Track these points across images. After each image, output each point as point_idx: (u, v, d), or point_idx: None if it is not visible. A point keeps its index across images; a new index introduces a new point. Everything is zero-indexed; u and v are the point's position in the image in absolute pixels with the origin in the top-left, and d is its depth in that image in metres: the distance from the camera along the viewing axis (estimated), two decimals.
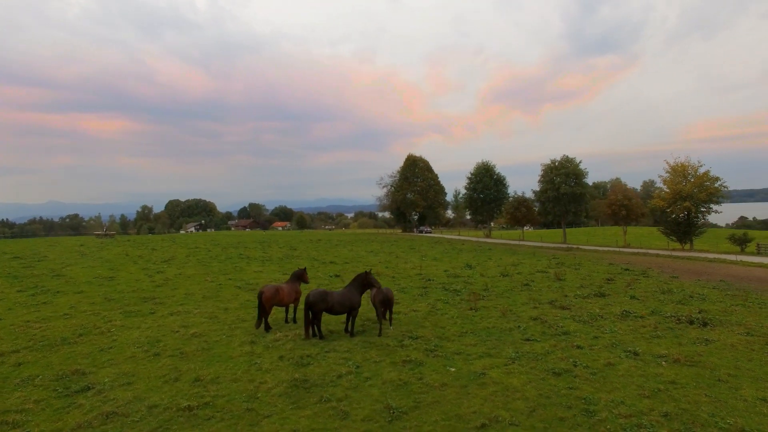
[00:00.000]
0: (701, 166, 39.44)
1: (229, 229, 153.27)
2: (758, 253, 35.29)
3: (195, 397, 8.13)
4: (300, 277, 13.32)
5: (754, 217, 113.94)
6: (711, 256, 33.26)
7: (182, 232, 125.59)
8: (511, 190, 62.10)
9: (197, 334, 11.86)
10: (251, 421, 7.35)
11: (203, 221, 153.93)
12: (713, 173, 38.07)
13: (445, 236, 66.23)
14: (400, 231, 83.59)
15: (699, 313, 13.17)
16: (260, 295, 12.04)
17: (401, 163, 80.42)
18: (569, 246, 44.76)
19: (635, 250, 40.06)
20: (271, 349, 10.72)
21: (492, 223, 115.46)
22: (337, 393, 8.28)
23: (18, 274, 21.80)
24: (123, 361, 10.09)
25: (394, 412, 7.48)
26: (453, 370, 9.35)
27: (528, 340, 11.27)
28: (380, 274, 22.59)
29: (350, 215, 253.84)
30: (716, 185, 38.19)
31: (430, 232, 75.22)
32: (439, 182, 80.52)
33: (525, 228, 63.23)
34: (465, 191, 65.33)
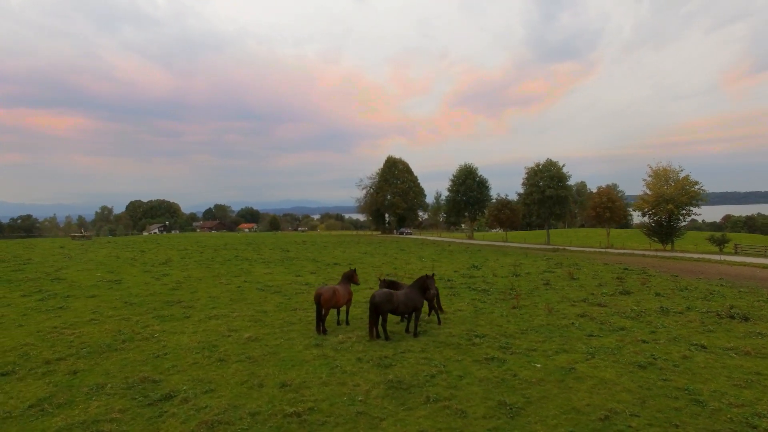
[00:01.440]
0: (681, 170, 42.18)
1: (194, 230, 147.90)
2: (736, 253, 37.99)
3: (294, 403, 7.83)
4: (350, 278, 13.14)
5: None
6: (695, 256, 35.46)
7: (145, 233, 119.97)
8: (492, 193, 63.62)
9: (253, 338, 11.40)
10: (369, 424, 7.18)
11: (167, 222, 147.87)
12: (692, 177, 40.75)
13: (428, 238, 66.89)
14: (378, 233, 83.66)
15: (731, 308, 14.01)
16: (318, 297, 11.75)
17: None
18: (555, 247, 46.40)
19: (620, 251, 42.06)
20: (341, 351, 10.48)
21: (464, 225, 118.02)
22: (441, 393, 8.22)
23: (11, 278, 20.11)
24: (188, 367, 9.57)
25: (511, 408, 7.53)
26: (539, 366, 9.50)
27: (590, 336, 11.61)
28: (395, 275, 22.53)
29: (316, 217, 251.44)
30: (695, 188, 40.84)
31: (411, 234, 75.74)
32: (418, 184, 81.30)
33: (497, 230, 64.85)
34: (448, 193, 66.30)
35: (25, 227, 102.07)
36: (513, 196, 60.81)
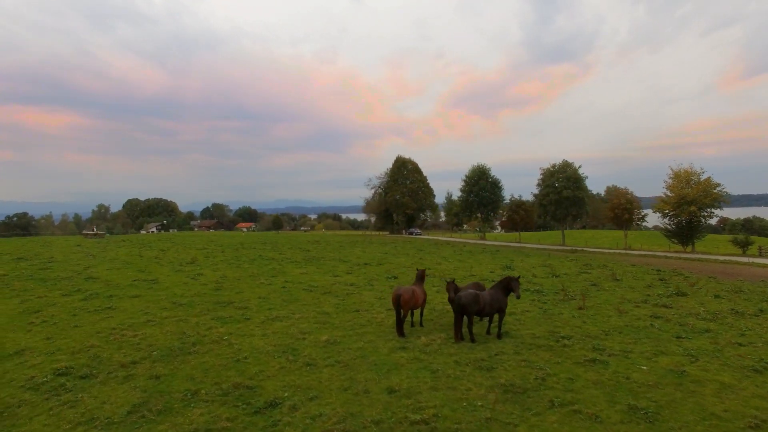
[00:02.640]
0: (703, 172, 42.22)
1: (192, 229, 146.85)
2: (760, 255, 38.05)
3: (415, 410, 7.46)
4: (422, 278, 12.76)
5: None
6: (720, 258, 35.40)
7: (143, 232, 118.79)
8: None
9: (332, 342, 10.97)
10: (505, 431, 6.82)
11: (165, 221, 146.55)
12: (713, 179, 40.77)
13: (440, 238, 66.58)
14: (386, 233, 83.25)
15: None
16: (398, 299, 11.35)
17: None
18: (573, 248, 46.28)
19: (640, 252, 42.00)
20: (432, 354, 10.11)
21: (465, 225, 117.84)
22: (560, 396, 7.91)
23: (43, 277, 19.49)
24: (276, 372, 9.13)
25: (646, 413, 7.22)
26: (645, 368, 9.19)
27: (679, 338, 11.34)
28: (433, 276, 22.16)
29: (313, 216, 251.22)
30: (716, 190, 40.88)
31: (420, 234, 75.38)
32: (428, 184, 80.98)
33: (498, 230, 64.73)
34: (460, 193, 66.04)
35: (20, 225, 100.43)
36: (508, 197, 61.02)
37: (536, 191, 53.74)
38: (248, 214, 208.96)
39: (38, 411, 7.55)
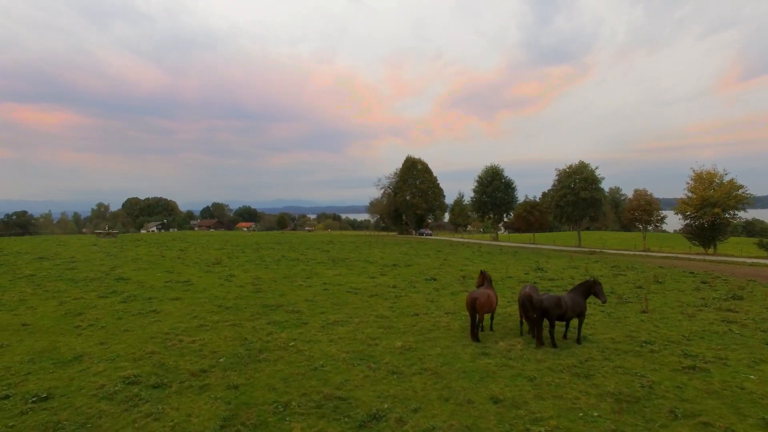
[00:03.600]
0: (726, 174, 41.92)
1: (192, 228, 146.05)
2: None
3: (532, 421, 7.03)
4: (491, 281, 12.32)
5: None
6: (747, 260, 35.09)
7: (143, 231, 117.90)
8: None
9: (408, 348, 10.51)
10: None
11: (165, 221, 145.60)
12: (735, 180, 40.46)
13: (452, 239, 66.08)
14: (395, 233, 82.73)
15: None
16: (473, 302, 10.92)
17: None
18: (592, 249, 45.92)
19: (661, 254, 41.67)
20: (519, 360, 9.67)
21: (469, 226, 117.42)
22: (679, 406, 7.54)
23: (73, 277, 18.91)
24: (363, 381, 8.64)
25: None
26: (754, 378, 8.77)
27: None
28: (471, 278, 21.71)
29: (312, 216, 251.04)
30: (740, 192, 40.58)
31: (431, 235, 74.87)
32: (437, 184, 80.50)
33: (502, 231, 64.33)
34: (473, 194, 65.60)
35: (20, 223, 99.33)
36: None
37: (548, 192, 53.30)
38: (248, 214, 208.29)
39: (121, 423, 7.08)
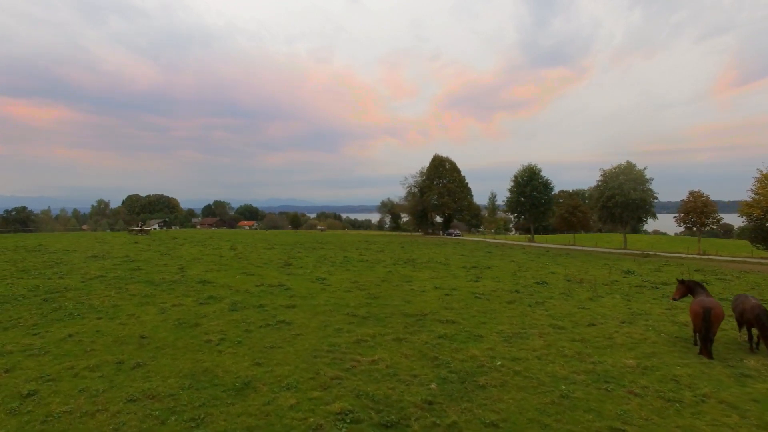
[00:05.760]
0: None
1: (193, 227, 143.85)
2: None
3: None
4: (705, 290, 10.57)
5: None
6: None
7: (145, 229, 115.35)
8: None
9: (644, 367, 8.82)
10: None
11: (167, 218, 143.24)
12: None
13: (485, 239, 64.28)
14: (421, 233, 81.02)
15: None
16: (708, 313, 9.22)
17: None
18: (645, 252, 44.33)
19: (721, 258, 40.13)
20: None
21: (482, 227, 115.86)
22: None
23: (147, 279, 16.98)
24: (640, 410, 6.91)
25: None
26: None
27: None
28: (580, 283, 19.92)
29: (312, 216, 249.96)
30: None
31: (460, 235, 73.15)
32: (466, 184, 78.90)
33: (513, 233, 62.98)
34: (508, 194, 63.95)
35: (19, 219, 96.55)
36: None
37: (590, 193, 51.70)
38: (249, 212, 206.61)
39: None
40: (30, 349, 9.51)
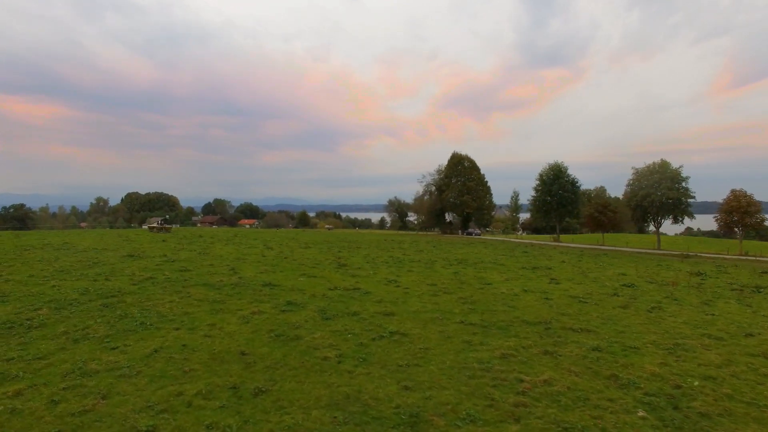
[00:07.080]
0: None
1: (194, 225, 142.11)
2: None
3: None
4: None
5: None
6: None
7: (144, 227, 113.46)
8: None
9: None
10: None
11: (167, 216, 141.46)
12: None
13: (508, 239, 62.80)
14: (437, 232, 79.50)
15: None
16: None
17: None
18: (685, 253, 42.98)
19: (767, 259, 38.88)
20: None
21: (491, 229, 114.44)
22: None
23: (205, 282, 15.34)
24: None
25: None
26: None
27: None
28: (668, 285, 18.46)
29: (312, 215, 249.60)
30: None
31: (480, 235, 71.69)
32: (486, 182, 77.45)
33: (521, 233, 61.49)
34: (534, 193, 62.47)
35: (17, 217, 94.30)
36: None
37: (626, 191, 50.50)
38: (250, 211, 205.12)
39: None
40: (117, 368, 7.88)
